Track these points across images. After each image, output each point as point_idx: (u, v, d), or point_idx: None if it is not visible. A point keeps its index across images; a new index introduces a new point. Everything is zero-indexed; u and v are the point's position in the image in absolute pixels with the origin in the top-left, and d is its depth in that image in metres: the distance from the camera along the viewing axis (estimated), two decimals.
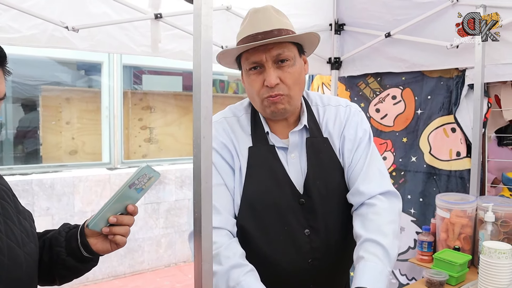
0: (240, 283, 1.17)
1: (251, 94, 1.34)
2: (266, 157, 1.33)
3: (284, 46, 1.26)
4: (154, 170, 1.04)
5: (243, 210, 1.31)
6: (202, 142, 1.00)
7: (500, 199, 2.06)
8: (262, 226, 1.30)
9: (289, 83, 1.27)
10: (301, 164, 1.34)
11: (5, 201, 1.00)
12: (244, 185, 1.31)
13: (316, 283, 1.34)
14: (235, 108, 1.45)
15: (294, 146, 1.35)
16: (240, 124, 1.39)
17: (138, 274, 4.62)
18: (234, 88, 6.21)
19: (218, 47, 2.41)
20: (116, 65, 4.82)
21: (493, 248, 1.54)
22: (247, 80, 1.33)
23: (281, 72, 1.26)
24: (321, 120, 1.40)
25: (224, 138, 1.35)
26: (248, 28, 1.28)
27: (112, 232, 1.05)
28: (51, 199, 4.10)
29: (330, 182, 1.34)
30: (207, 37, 1.03)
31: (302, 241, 1.30)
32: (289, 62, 1.27)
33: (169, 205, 4.82)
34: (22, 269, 0.94)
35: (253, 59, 1.27)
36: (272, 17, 1.27)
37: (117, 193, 1.03)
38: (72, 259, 1.06)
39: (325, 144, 1.36)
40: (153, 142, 5.31)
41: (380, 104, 2.85)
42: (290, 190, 1.31)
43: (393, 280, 2.77)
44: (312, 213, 1.31)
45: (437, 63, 2.48)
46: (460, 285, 1.67)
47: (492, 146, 2.50)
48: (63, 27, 1.97)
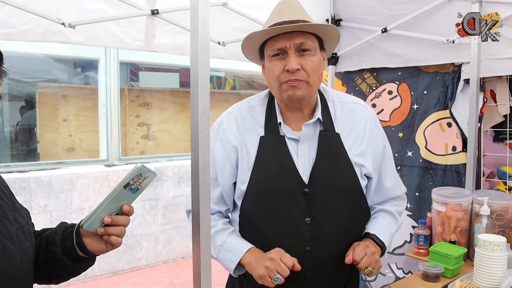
0: (226, 241, 1.40)
1: (270, 80, 1.40)
2: (275, 146, 1.40)
3: (307, 36, 1.33)
4: (149, 170, 1.02)
5: (248, 196, 1.39)
6: (200, 137, 1.01)
7: (496, 193, 2.08)
8: (265, 212, 1.38)
9: (309, 70, 1.33)
10: (310, 156, 1.40)
11: (1, 199, 1.00)
12: (252, 172, 1.38)
13: (314, 272, 1.38)
14: (252, 99, 1.54)
15: (306, 138, 1.41)
16: (254, 115, 1.47)
17: (137, 270, 4.64)
18: (231, 84, 6.22)
19: (215, 43, 2.42)
20: (113, 62, 4.82)
21: (488, 241, 1.55)
22: (268, 66, 1.39)
23: (302, 60, 1.33)
24: (336, 115, 1.46)
25: (233, 131, 1.44)
26: (275, 17, 1.36)
27: (107, 233, 1.03)
28: (49, 196, 4.10)
29: (337, 175, 1.39)
30: (204, 32, 1.04)
31: (302, 229, 1.35)
32: (310, 52, 1.34)
33: (167, 202, 4.83)
34: (17, 267, 0.94)
35: (277, 45, 1.33)
36: (298, 9, 1.37)
37: (112, 193, 1.02)
38: (68, 258, 1.06)
39: (336, 139, 1.42)
40: (151, 139, 5.31)
41: (376, 99, 2.86)
42: (295, 179, 1.36)
43: (389, 274, 2.79)
44: (315, 203, 1.36)
45: (433, 58, 2.49)
46: (456, 278, 1.68)
47: (488, 141, 2.52)
48: (59, 23, 1.96)
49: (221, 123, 1.49)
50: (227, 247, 1.40)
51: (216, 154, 1.45)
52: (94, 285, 4.21)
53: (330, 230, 1.37)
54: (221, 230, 1.44)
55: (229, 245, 1.40)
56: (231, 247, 1.40)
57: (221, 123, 1.49)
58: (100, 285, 4.22)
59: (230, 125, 1.46)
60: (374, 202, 1.58)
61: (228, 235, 1.42)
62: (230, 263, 1.38)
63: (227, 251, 1.39)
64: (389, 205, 1.58)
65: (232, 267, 1.38)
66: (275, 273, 1.25)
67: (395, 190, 1.59)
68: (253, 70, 6.23)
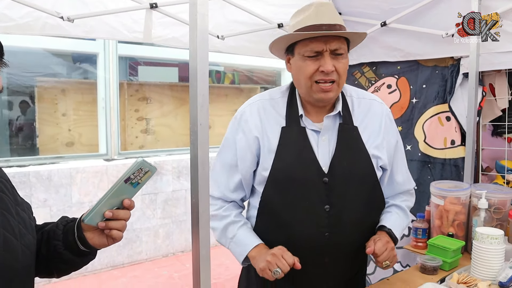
0: (236, 235, 1.49)
1: (300, 78, 1.45)
2: (296, 137, 1.46)
3: (341, 41, 1.40)
4: (150, 164, 1.03)
5: (270, 183, 1.46)
6: (199, 129, 1.02)
7: (494, 186, 2.09)
8: (286, 199, 1.44)
9: (341, 72, 1.41)
10: (329, 146, 1.47)
11: (3, 193, 1.00)
12: (274, 160, 1.45)
13: (331, 257, 1.47)
14: (274, 91, 1.60)
15: (326, 129, 1.48)
16: (276, 106, 1.53)
17: (137, 264, 4.65)
18: (231, 78, 6.21)
19: (214, 37, 2.42)
20: (112, 56, 4.81)
21: (485, 234, 1.56)
22: (300, 64, 1.43)
23: (336, 62, 1.40)
24: (354, 110, 1.54)
25: (255, 121, 1.50)
26: (313, 18, 1.39)
27: (108, 227, 1.04)
28: (49, 190, 4.10)
29: (356, 165, 1.47)
30: (203, 25, 1.05)
31: (321, 216, 1.43)
32: (343, 55, 1.42)
33: (166, 196, 4.84)
34: (18, 260, 0.94)
35: (314, 48, 1.38)
36: (335, 13, 1.42)
37: (113, 188, 1.02)
38: (69, 252, 1.06)
39: (354, 132, 1.50)
40: (150, 133, 5.31)
41: (376, 93, 2.86)
42: (315, 168, 1.44)
43: None
44: (334, 191, 1.44)
45: (433, 52, 2.49)
46: (454, 270, 1.69)
47: (486, 134, 2.52)
48: (58, 17, 1.96)
49: (243, 113, 1.54)
50: (237, 240, 1.49)
51: (238, 143, 1.50)
52: (94, 278, 4.22)
53: (347, 217, 1.45)
54: (232, 222, 1.52)
55: (238, 239, 1.49)
56: (240, 241, 1.48)
57: (243, 113, 1.53)
58: (100, 279, 4.24)
59: (252, 115, 1.51)
60: (386, 195, 1.64)
61: (239, 229, 1.50)
62: (239, 256, 1.49)
63: (237, 244, 1.49)
64: (400, 200, 1.67)
65: (240, 259, 1.49)
66: (275, 267, 1.31)
67: (405, 185, 1.68)
68: (252, 64, 6.22)
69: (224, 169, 1.54)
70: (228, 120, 1.58)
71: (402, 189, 1.67)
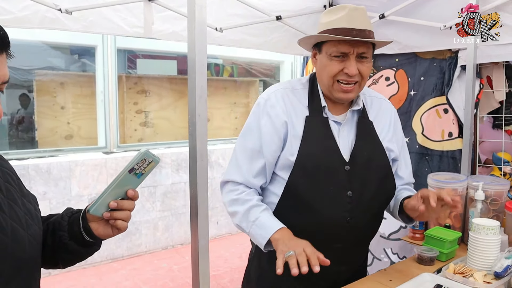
0: (259, 218, 1.48)
1: (323, 74, 1.52)
2: (320, 126, 1.54)
3: (368, 46, 1.47)
4: (153, 155, 1.04)
5: (296, 169, 1.50)
6: (197, 120, 1.02)
7: (490, 178, 2.10)
8: (311, 184, 1.49)
9: (364, 75, 1.49)
10: (349, 137, 1.56)
11: (9, 184, 1.02)
12: (300, 149, 1.50)
13: (347, 242, 1.55)
14: (295, 82, 1.65)
15: (347, 122, 1.57)
16: (298, 96, 1.59)
17: (136, 257, 4.68)
18: (229, 71, 6.20)
19: (212, 29, 2.41)
20: (110, 49, 4.80)
21: (481, 225, 1.58)
22: (325, 63, 1.50)
23: (360, 65, 1.47)
24: (368, 107, 1.65)
25: (282, 107, 1.54)
26: (346, 21, 1.45)
27: (113, 217, 1.05)
28: (48, 183, 4.11)
29: (373, 155, 1.57)
30: (201, 17, 1.05)
31: (344, 201, 1.49)
32: (368, 59, 1.49)
33: (165, 189, 4.85)
34: (25, 250, 0.95)
35: (342, 49, 1.45)
36: (367, 18, 1.48)
37: (117, 178, 1.03)
38: (75, 243, 1.08)
39: (371, 126, 1.61)
40: (149, 126, 5.31)
41: (374, 85, 2.87)
42: (337, 157, 1.51)
43: (385, 259, 2.83)
44: (356, 178, 1.51)
45: (430, 44, 2.50)
46: (450, 261, 1.71)
47: (485, 127, 2.53)
48: (56, 9, 1.96)
49: (268, 99, 1.57)
50: (259, 223, 1.48)
51: (263, 128, 1.53)
52: (94, 271, 4.25)
53: (367, 203, 1.53)
54: (255, 206, 1.52)
55: (261, 222, 1.48)
56: (263, 224, 1.48)
57: (268, 99, 1.56)
58: (99, 271, 4.26)
59: (278, 101, 1.55)
60: None
61: (261, 212, 1.51)
62: (261, 239, 1.47)
63: (259, 227, 1.48)
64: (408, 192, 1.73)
65: (263, 242, 1.46)
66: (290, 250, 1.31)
67: (410, 178, 1.78)
68: (251, 57, 6.21)
69: (247, 154, 1.55)
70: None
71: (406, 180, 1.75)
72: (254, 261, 1.69)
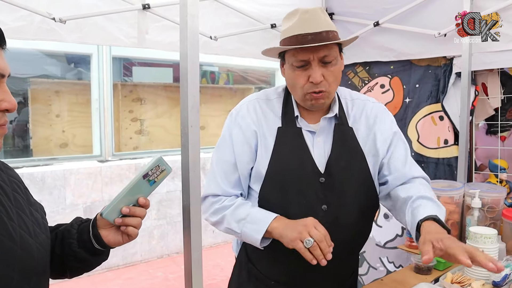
0: (249, 214, 1.40)
1: (294, 86, 1.45)
2: (292, 137, 1.46)
3: (330, 48, 1.37)
4: (166, 163, 1.05)
5: (267, 182, 1.44)
6: (190, 131, 1.01)
7: (487, 186, 2.10)
8: (283, 199, 1.42)
9: (331, 80, 1.39)
10: (325, 147, 1.47)
11: (17, 193, 1.02)
12: (270, 161, 1.44)
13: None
14: (270, 92, 1.58)
15: (322, 130, 1.48)
16: (272, 106, 1.52)
17: (131, 266, 4.64)
18: (225, 79, 6.20)
19: (206, 37, 2.41)
20: (106, 57, 4.79)
21: (479, 233, 1.57)
22: (291, 74, 1.43)
23: (325, 70, 1.38)
24: (349, 112, 1.54)
25: (252, 118, 1.48)
26: (297, 28, 1.36)
27: (125, 223, 1.05)
28: (42, 192, 4.08)
29: (352, 165, 1.46)
30: (193, 26, 1.04)
31: (318, 215, 1.38)
32: (333, 62, 1.39)
33: (160, 197, 4.83)
34: (34, 258, 0.95)
35: (301, 57, 1.37)
36: (321, 19, 1.37)
37: (130, 183, 1.03)
38: (84, 251, 1.07)
39: (350, 133, 1.50)
40: (144, 134, 5.29)
41: (369, 93, 2.86)
42: (311, 168, 1.43)
43: (381, 268, 2.81)
44: (331, 191, 1.43)
45: (425, 51, 2.50)
46: (448, 270, 1.70)
47: (480, 134, 2.53)
48: (50, 18, 1.95)
49: (239, 110, 1.52)
50: (251, 219, 1.40)
51: (234, 139, 1.48)
52: (89, 281, 4.20)
53: (344, 218, 1.44)
54: (241, 204, 1.45)
55: (253, 217, 1.40)
56: (255, 218, 1.40)
57: (239, 111, 1.52)
58: (94, 281, 4.22)
59: (249, 112, 1.50)
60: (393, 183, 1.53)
61: (251, 208, 1.43)
62: (257, 234, 1.37)
63: (252, 223, 1.39)
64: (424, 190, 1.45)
65: (259, 237, 1.37)
66: (307, 236, 1.24)
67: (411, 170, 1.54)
68: (247, 65, 6.22)
69: (222, 167, 1.49)
70: (223, 121, 1.57)
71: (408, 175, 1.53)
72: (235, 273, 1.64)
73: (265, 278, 1.53)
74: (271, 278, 1.52)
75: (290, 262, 1.40)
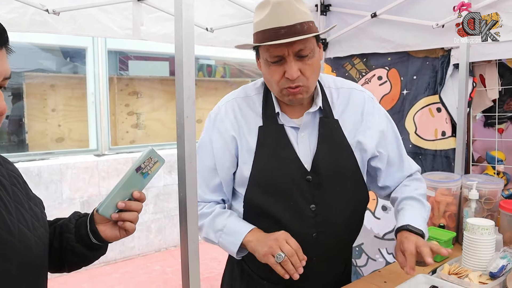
0: (226, 225, 1.39)
1: (270, 82, 1.38)
2: (275, 136, 1.39)
3: (305, 41, 1.28)
4: (159, 154, 1.04)
5: (251, 185, 1.39)
6: (185, 122, 1.00)
7: (484, 177, 2.09)
8: (270, 201, 1.37)
9: (308, 74, 1.32)
10: (310, 143, 1.40)
11: (16, 187, 1.02)
12: (253, 162, 1.38)
13: (320, 257, 1.41)
14: (248, 88, 1.51)
15: (306, 125, 1.41)
16: (251, 104, 1.46)
17: (129, 260, 4.64)
18: (222, 72, 6.18)
19: (202, 29, 2.39)
20: (101, 50, 4.76)
21: (476, 225, 1.56)
22: (266, 70, 1.36)
23: (302, 64, 1.30)
24: (334, 102, 1.47)
25: (231, 121, 1.42)
26: (270, 21, 1.28)
27: (121, 218, 1.04)
28: (39, 187, 4.07)
29: (339, 161, 1.41)
30: (189, 16, 1.02)
31: (307, 216, 1.36)
32: (310, 55, 1.31)
33: (158, 191, 4.82)
34: (32, 252, 0.96)
35: (275, 53, 1.29)
36: (294, 10, 1.27)
37: (124, 177, 1.03)
38: (82, 246, 1.08)
39: (335, 126, 1.43)
40: (141, 128, 5.28)
41: (366, 85, 2.85)
42: (297, 167, 1.37)
43: (380, 259, 2.81)
44: (319, 190, 1.38)
45: (423, 43, 2.48)
46: (445, 262, 1.69)
47: (477, 125, 2.53)
48: (43, 10, 1.92)
49: (218, 112, 1.46)
50: (228, 230, 1.39)
51: (214, 144, 1.43)
52: (87, 274, 4.20)
53: (334, 216, 1.40)
54: (219, 213, 1.43)
55: (229, 228, 1.39)
56: (232, 229, 1.38)
57: (218, 113, 1.46)
58: (92, 275, 4.21)
59: (228, 114, 1.44)
60: (389, 183, 1.57)
61: (227, 218, 1.41)
62: (232, 246, 1.37)
63: (228, 234, 1.38)
64: (409, 191, 1.55)
65: (235, 250, 1.37)
66: (278, 251, 1.24)
67: (406, 166, 1.59)
68: (243, 58, 6.20)
69: (202, 173, 1.43)
70: None
71: (403, 173, 1.58)
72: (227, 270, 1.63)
73: (258, 276, 1.51)
74: (263, 277, 1.50)
75: None
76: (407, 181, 1.59)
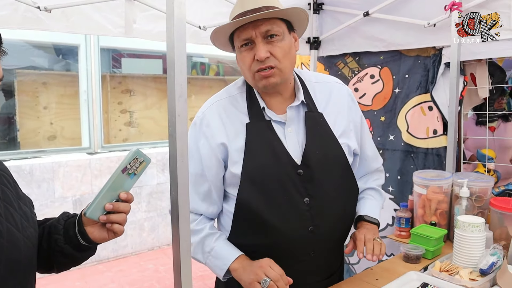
0: (215, 247, 1.41)
1: (244, 71, 1.40)
2: (263, 132, 1.40)
3: (273, 22, 1.32)
4: (144, 154, 1.04)
5: (244, 184, 1.38)
6: (177, 120, 1.00)
7: (475, 175, 2.11)
8: (263, 198, 1.37)
9: (279, 56, 1.33)
10: (298, 137, 1.42)
11: (5, 187, 1.01)
12: (244, 160, 1.38)
13: (316, 251, 1.43)
14: (230, 88, 1.52)
15: (291, 120, 1.43)
16: (235, 104, 1.46)
17: (122, 258, 4.63)
18: (215, 70, 6.16)
19: (196, 27, 2.38)
20: (93, 48, 4.73)
21: (466, 222, 1.58)
22: (239, 57, 1.39)
23: (271, 47, 1.32)
24: (316, 95, 1.49)
25: (217, 125, 1.42)
26: (238, 8, 1.34)
27: (109, 220, 1.04)
28: (30, 185, 4.04)
29: (328, 153, 1.43)
30: (181, 14, 1.02)
31: (302, 210, 1.37)
32: (278, 37, 1.33)
33: (151, 189, 4.81)
34: (21, 252, 0.95)
35: (243, 36, 1.32)
36: None
37: (110, 179, 1.02)
38: (70, 247, 1.07)
39: (320, 119, 1.45)
40: (134, 126, 5.26)
41: (359, 83, 2.86)
42: (288, 161, 1.38)
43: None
44: (311, 183, 1.39)
45: (415, 42, 2.50)
46: (436, 259, 1.71)
47: (469, 124, 2.55)
48: (34, 7, 1.91)
49: (203, 117, 1.45)
50: (215, 254, 1.41)
51: (201, 150, 1.42)
52: (79, 273, 4.19)
53: (329, 208, 1.42)
54: (208, 235, 1.45)
55: (217, 252, 1.41)
56: (219, 254, 1.41)
57: (203, 118, 1.45)
58: (85, 274, 4.20)
59: (214, 118, 1.43)
60: (360, 174, 1.66)
61: (216, 241, 1.43)
62: (219, 270, 1.41)
63: (215, 258, 1.41)
64: (371, 181, 1.70)
65: (221, 274, 1.41)
66: (263, 276, 1.27)
67: (377, 159, 1.71)
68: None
69: (191, 180, 1.40)
70: None
71: (373, 166, 1.69)
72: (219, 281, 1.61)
73: None
74: None
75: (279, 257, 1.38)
76: (372, 172, 1.72)
